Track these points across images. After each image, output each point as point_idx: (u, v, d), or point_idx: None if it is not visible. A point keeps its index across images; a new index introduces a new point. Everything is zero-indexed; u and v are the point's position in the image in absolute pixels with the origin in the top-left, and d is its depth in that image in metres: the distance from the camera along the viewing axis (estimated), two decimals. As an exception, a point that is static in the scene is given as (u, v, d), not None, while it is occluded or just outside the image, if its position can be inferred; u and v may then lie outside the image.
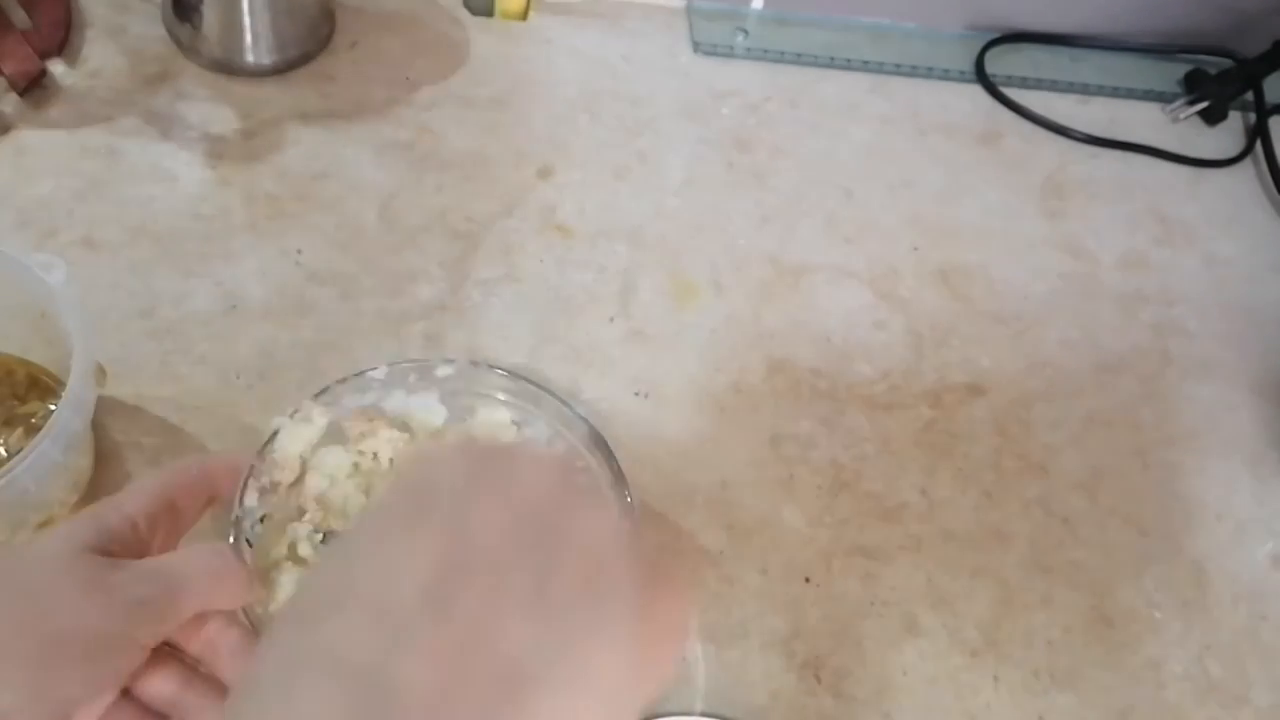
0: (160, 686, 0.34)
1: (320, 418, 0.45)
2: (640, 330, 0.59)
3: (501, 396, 0.49)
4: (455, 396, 0.48)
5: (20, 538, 0.42)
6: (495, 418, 0.48)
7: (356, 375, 0.47)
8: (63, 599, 0.30)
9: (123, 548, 0.33)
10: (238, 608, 0.37)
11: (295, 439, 0.44)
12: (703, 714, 0.46)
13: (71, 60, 0.63)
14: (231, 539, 0.41)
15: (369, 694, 0.20)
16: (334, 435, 0.45)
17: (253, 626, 0.38)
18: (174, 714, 0.34)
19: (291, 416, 0.44)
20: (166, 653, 0.34)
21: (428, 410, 0.48)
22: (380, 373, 0.47)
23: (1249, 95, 0.78)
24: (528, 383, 0.48)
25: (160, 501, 0.35)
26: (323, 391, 0.46)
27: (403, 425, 0.47)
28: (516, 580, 0.22)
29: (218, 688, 0.35)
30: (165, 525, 0.35)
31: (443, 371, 0.48)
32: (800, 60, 0.75)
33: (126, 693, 0.34)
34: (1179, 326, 0.66)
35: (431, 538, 0.23)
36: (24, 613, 0.30)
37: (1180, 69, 0.80)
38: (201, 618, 0.34)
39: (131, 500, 0.34)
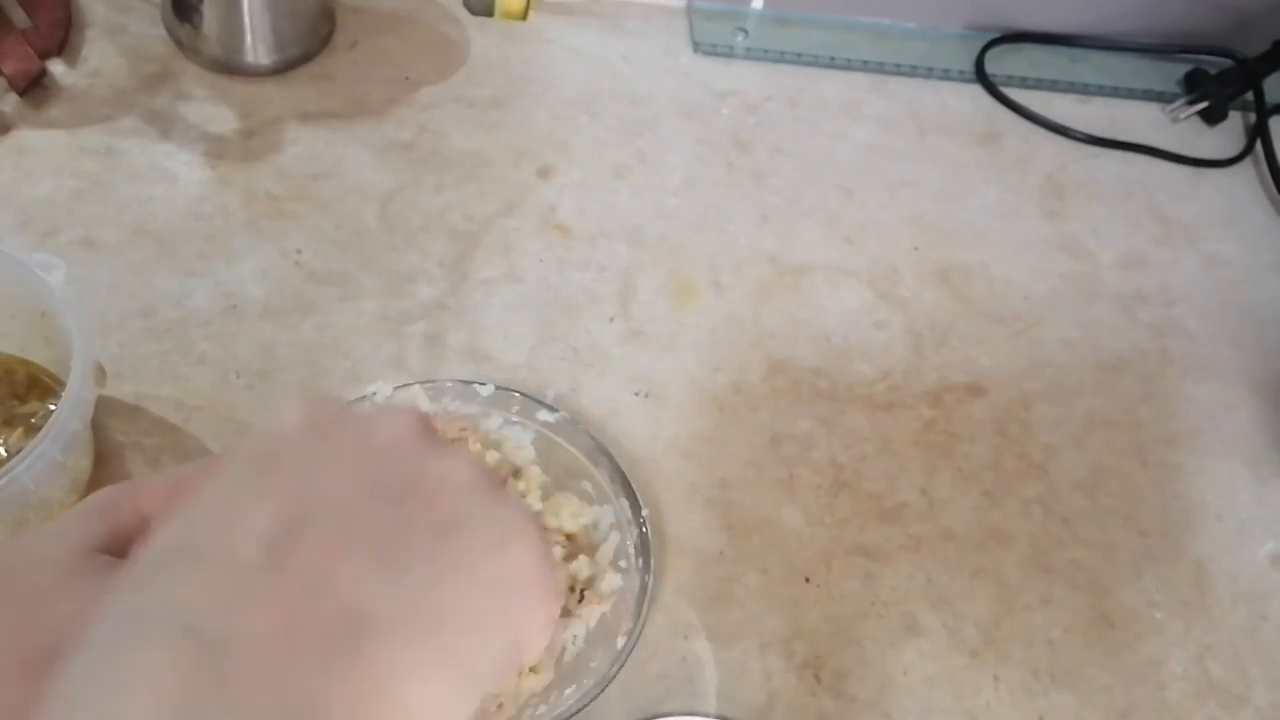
0: None
1: (423, 397, 0.46)
2: (640, 330, 0.59)
3: (582, 457, 0.49)
4: (545, 441, 0.49)
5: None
6: (570, 506, 0.47)
7: (464, 383, 0.49)
8: (62, 610, 0.28)
9: (128, 546, 0.31)
10: None
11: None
12: (704, 714, 0.46)
13: (71, 60, 0.63)
14: None
15: (199, 652, 0.19)
16: None
17: None
18: None
19: (395, 388, 0.46)
20: None
21: (518, 444, 0.48)
22: (487, 390, 0.49)
23: (1249, 95, 0.78)
24: (615, 466, 0.49)
25: (180, 496, 0.35)
26: (429, 382, 0.47)
27: (494, 446, 0.47)
28: (363, 530, 0.22)
29: None
30: None
31: (543, 415, 0.50)
32: (800, 60, 0.75)
33: None
34: (1179, 326, 0.66)
35: (275, 491, 0.22)
36: (18, 623, 0.28)
37: (1180, 69, 0.80)
38: None
39: (149, 495, 0.33)
